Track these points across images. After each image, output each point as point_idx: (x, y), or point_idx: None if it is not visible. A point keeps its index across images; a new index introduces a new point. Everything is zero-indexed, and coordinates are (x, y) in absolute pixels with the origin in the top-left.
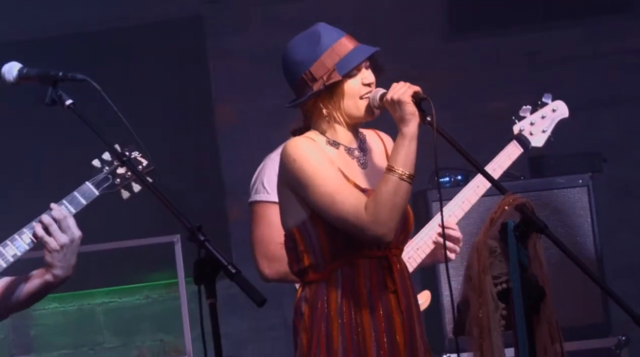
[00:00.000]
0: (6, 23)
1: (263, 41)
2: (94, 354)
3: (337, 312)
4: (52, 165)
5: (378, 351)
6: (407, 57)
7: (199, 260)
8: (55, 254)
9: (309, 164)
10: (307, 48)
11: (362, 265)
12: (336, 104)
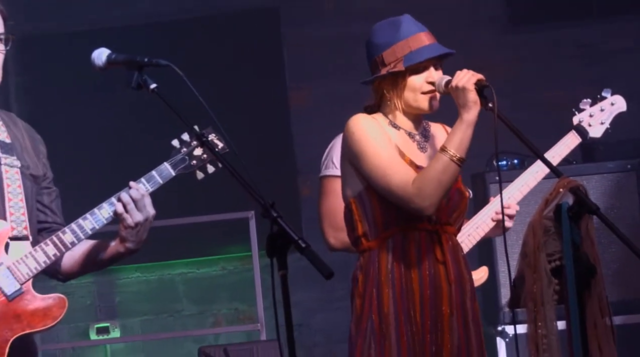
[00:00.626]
0: (95, 13)
1: (334, 30)
2: (173, 320)
3: (387, 278)
4: (132, 146)
5: (423, 318)
6: (469, 49)
7: (271, 234)
8: (130, 230)
9: (366, 138)
10: (386, 34)
11: (413, 236)
12: (397, 93)
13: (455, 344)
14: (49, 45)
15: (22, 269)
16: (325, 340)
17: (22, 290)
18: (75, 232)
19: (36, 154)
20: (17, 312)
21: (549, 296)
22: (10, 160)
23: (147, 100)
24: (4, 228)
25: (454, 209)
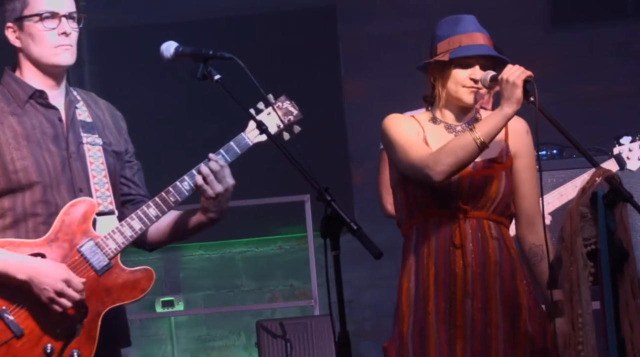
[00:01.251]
0: (164, 7)
1: (385, 28)
2: (233, 295)
3: (411, 262)
4: (198, 130)
5: (437, 300)
6: (512, 45)
7: (325, 217)
8: (211, 201)
9: (395, 130)
10: (446, 27)
11: (433, 221)
12: (442, 81)
13: (469, 326)
14: (119, 36)
15: (110, 244)
16: (374, 315)
17: (110, 265)
18: (159, 206)
19: (118, 131)
20: (107, 287)
21: (585, 278)
22: (92, 138)
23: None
24: (90, 205)
25: (479, 195)
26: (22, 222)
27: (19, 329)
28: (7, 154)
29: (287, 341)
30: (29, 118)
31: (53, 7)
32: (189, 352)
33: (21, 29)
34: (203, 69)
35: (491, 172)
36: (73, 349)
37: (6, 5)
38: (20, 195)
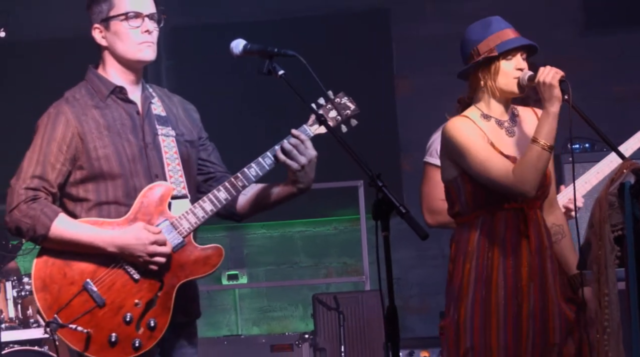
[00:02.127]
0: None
1: (434, 30)
2: (291, 270)
3: (473, 251)
4: (261, 122)
5: (505, 279)
6: (548, 47)
7: (377, 201)
8: (298, 173)
9: (466, 139)
10: (479, 31)
11: (500, 215)
12: (492, 77)
13: (532, 307)
14: (193, 35)
15: (184, 224)
16: (419, 292)
17: (184, 242)
18: (228, 190)
19: (190, 122)
20: (180, 262)
21: (611, 261)
22: (166, 130)
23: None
24: (167, 189)
25: (539, 187)
26: (104, 205)
27: (101, 300)
28: (90, 143)
29: (340, 313)
30: (110, 111)
31: (137, 8)
32: (251, 322)
33: (107, 29)
34: (268, 65)
35: None
36: (150, 318)
37: (93, 9)
38: (102, 180)
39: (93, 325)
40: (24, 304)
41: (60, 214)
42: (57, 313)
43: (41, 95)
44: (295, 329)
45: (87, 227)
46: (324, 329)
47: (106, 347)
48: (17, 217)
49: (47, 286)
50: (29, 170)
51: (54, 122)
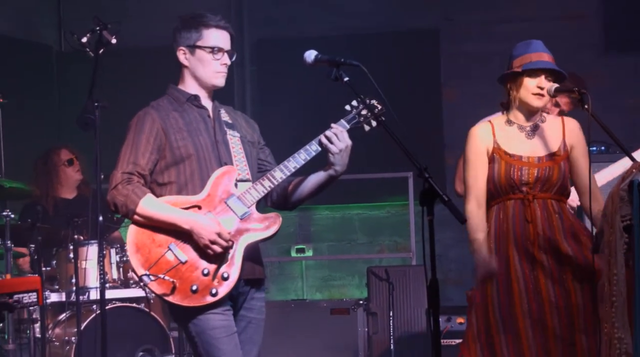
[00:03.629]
0: (306, 24)
1: (476, 47)
2: (350, 246)
3: (492, 232)
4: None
5: (521, 262)
6: (572, 66)
7: (423, 190)
8: (336, 156)
9: (467, 148)
10: (520, 48)
11: (509, 203)
12: (516, 88)
13: (548, 275)
14: (273, 46)
15: (248, 197)
16: (456, 267)
17: (249, 212)
18: (282, 170)
19: (251, 130)
20: (246, 227)
21: (621, 246)
22: (232, 132)
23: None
24: (234, 171)
25: (543, 182)
26: (183, 186)
27: (183, 257)
28: (172, 135)
29: (389, 283)
30: (187, 114)
31: (221, 44)
32: (314, 288)
33: (192, 54)
34: (335, 72)
35: (553, 163)
36: (223, 271)
37: (182, 33)
38: (182, 165)
39: (177, 278)
40: (124, 267)
41: (147, 194)
42: (148, 270)
43: (140, 96)
44: (351, 295)
45: (168, 207)
46: (376, 297)
47: (189, 295)
48: (114, 195)
49: (139, 249)
50: (124, 158)
51: (142, 121)
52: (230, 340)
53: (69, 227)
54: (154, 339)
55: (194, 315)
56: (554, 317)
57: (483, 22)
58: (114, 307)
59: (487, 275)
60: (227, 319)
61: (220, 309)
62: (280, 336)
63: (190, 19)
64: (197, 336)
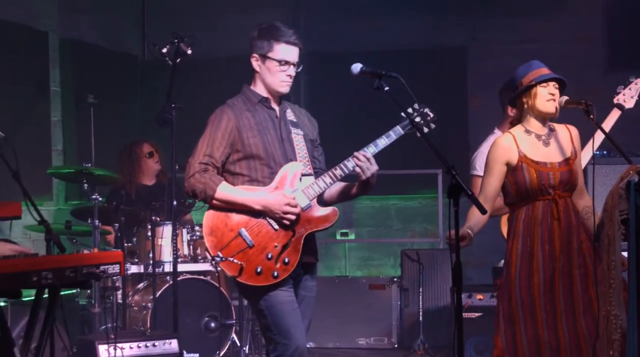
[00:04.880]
0: (350, 42)
1: (498, 63)
2: (386, 232)
3: (519, 229)
4: (368, 123)
5: (543, 250)
6: (581, 82)
7: (451, 185)
8: (369, 180)
9: (490, 155)
10: (523, 69)
11: (538, 204)
12: (532, 99)
13: (564, 268)
14: (323, 58)
15: (311, 191)
16: (477, 252)
17: (311, 204)
18: (341, 168)
19: (312, 128)
20: (308, 218)
21: (619, 237)
22: (297, 131)
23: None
24: (299, 168)
25: (566, 183)
26: (253, 178)
27: (251, 242)
28: (244, 133)
29: (420, 264)
30: (257, 114)
31: (289, 58)
32: (355, 267)
33: (263, 62)
34: (377, 82)
35: (569, 167)
36: (285, 256)
37: (257, 42)
38: (252, 160)
39: (244, 260)
40: (194, 245)
41: (223, 181)
42: (219, 251)
43: (210, 99)
44: (387, 273)
45: (241, 191)
46: (408, 275)
47: (254, 275)
48: (193, 183)
49: (213, 232)
50: (201, 150)
51: (219, 118)
52: (295, 313)
53: (147, 210)
54: (218, 307)
55: (265, 292)
56: (562, 302)
57: (504, 42)
58: (184, 278)
59: (448, 237)
60: (292, 296)
61: (285, 287)
62: (325, 307)
63: (265, 30)
64: (267, 309)
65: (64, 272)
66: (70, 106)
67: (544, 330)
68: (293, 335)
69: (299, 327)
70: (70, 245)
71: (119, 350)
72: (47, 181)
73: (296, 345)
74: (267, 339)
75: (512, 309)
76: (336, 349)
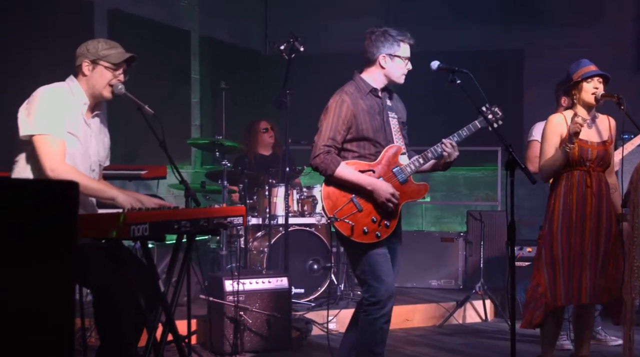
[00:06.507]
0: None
1: (549, 63)
2: (456, 195)
3: (561, 191)
4: (444, 115)
5: (577, 214)
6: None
7: (508, 160)
8: (452, 161)
9: (546, 131)
10: (574, 67)
11: (575, 173)
12: (578, 93)
13: (593, 226)
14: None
15: (408, 169)
16: (528, 213)
17: (407, 179)
18: (431, 152)
19: (403, 111)
20: (405, 191)
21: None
22: (393, 114)
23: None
24: (399, 148)
25: (600, 160)
26: (363, 154)
27: (360, 207)
28: (358, 118)
29: (482, 222)
30: (368, 101)
31: (409, 55)
32: (430, 223)
33: (392, 59)
34: (451, 76)
35: (605, 147)
36: (386, 221)
37: (384, 42)
38: (362, 141)
39: (354, 221)
40: (302, 203)
41: (342, 162)
42: (334, 212)
43: (317, 88)
44: (455, 229)
45: (357, 173)
46: (472, 231)
47: (361, 235)
48: (318, 163)
49: (329, 196)
50: (326, 133)
51: (340, 106)
52: (387, 263)
53: (265, 174)
54: (320, 253)
55: (366, 246)
56: (591, 253)
57: (554, 46)
58: (294, 229)
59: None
60: (386, 250)
61: (382, 243)
62: (405, 255)
63: (391, 33)
64: (365, 259)
65: (198, 222)
66: (206, 91)
67: (579, 273)
68: (384, 280)
69: (390, 274)
70: (204, 201)
71: (241, 285)
72: (187, 150)
73: (386, 288)
74: (362, 282)
75: (554, 256)
76: (413, 288)
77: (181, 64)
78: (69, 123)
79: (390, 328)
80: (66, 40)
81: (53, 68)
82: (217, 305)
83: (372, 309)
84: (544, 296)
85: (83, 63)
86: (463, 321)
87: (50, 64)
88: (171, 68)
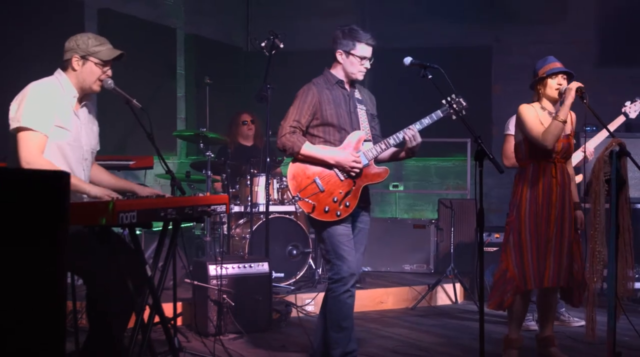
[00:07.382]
0: (401, 40)
1: (517, 60)
2: (428, 185)
3: (528, 182)
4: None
5: (543, 199)
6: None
7: (477, 150)
8: (415, 147)
9: (525, 115)
10: (541, 62)
11: (541, 163)
12: (543, 88)
13: (557, 213)
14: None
15: (369, 154)
16: (496, 202)
17: (368, 163)
18: (393, 139)
19: (372, 105)
20: (365, 174)
21: (603, 192)
22: (361, 106)
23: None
24: (362, 135)
25: (565, 152)
26: (327, 140)
27: (322, 188)
28: (323, 105)
29: (452, 210)
30: (334, 92)
31: (366, 54)
32: (403, 211)
33: (347, 57)
34: (423, 72)
35: (569, 140)
36: (346, 200)
37: (342, 40)
38: (327, 127)
39: (316, 201)
40: (282, 192)
41: (306, 141)
42: (298, 192)
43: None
44: (427, 216)
45: (320, 149)
46: (443, 218)
47: (322, 213)
48: (284, 141)
49: (294, 178)
50: (291, 116)
51: (306, 93)
52: (349, 242)
53: (247, 164)
54: (299, 239)
55: (329, 225)
56: (556, 239)
57: (521, 43)
58: (274, 217)
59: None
60: (348, 230)
61: (344, 224)
62: (379, 241)
63: (349, 32)
64: (328, 238)
65: (184, 209)
66: (191, 85)
67: (545, 258)
68: (346, 259)
69: (351, 253)
70: (189, 189)
71: (224, 269)
72: (173, 141)
73: (348, 265)
74: (326, 260)
75: (522, 242)
76: (387, 272)
77: (167, 59)
78: (59, 117)
79: (365, 310)
80: (57, 39)
81: (45, 66)
82: (202, 289)
83: (336, 286)
84: (513, 279)
85: (73, 58)
86: (434, 303)
87: (42, 62)
88: (158, 64)
